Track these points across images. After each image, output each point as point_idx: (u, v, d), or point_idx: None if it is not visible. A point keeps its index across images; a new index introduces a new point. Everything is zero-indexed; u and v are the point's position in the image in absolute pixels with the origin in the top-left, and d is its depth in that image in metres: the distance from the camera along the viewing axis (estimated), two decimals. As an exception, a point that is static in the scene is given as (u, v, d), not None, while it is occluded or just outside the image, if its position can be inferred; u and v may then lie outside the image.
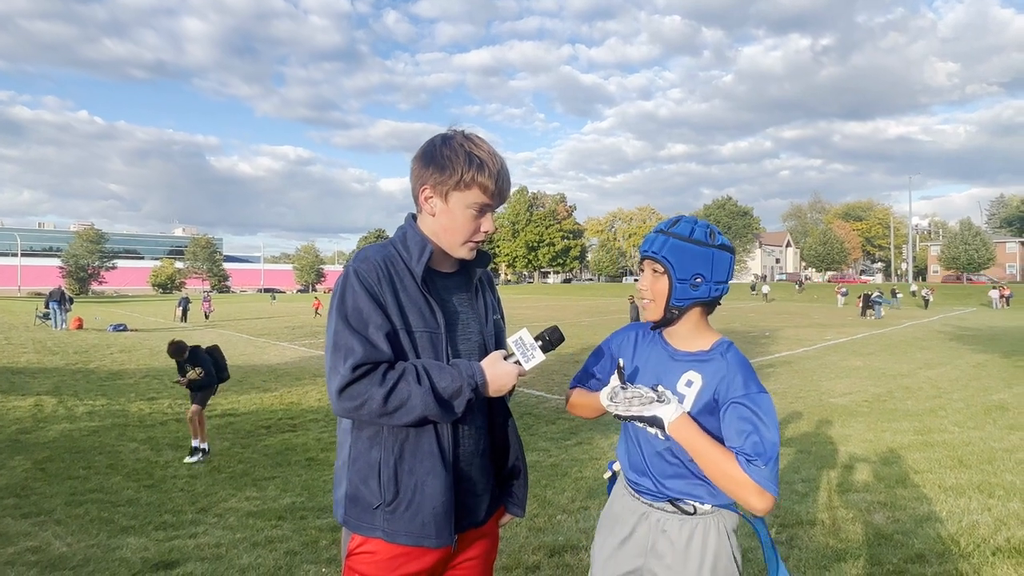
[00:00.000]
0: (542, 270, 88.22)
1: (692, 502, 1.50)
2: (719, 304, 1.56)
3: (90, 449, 6.24)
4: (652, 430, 1.48)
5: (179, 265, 79.65)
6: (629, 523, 1.57)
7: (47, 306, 21.86)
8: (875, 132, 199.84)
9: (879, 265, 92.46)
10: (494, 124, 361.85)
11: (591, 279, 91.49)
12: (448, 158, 1.40)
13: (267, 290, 70.80)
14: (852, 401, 8.22)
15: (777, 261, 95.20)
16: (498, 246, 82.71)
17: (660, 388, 1.44)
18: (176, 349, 6.23)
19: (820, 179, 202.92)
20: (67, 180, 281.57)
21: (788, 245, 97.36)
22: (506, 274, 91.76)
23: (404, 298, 1.40)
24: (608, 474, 1.66)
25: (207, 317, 27.05)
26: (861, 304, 27.11)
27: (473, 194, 1.41)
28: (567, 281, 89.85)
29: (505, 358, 1.42)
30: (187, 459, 5.90)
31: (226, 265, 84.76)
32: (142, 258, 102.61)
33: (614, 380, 1.46)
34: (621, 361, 1.51)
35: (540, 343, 1.43)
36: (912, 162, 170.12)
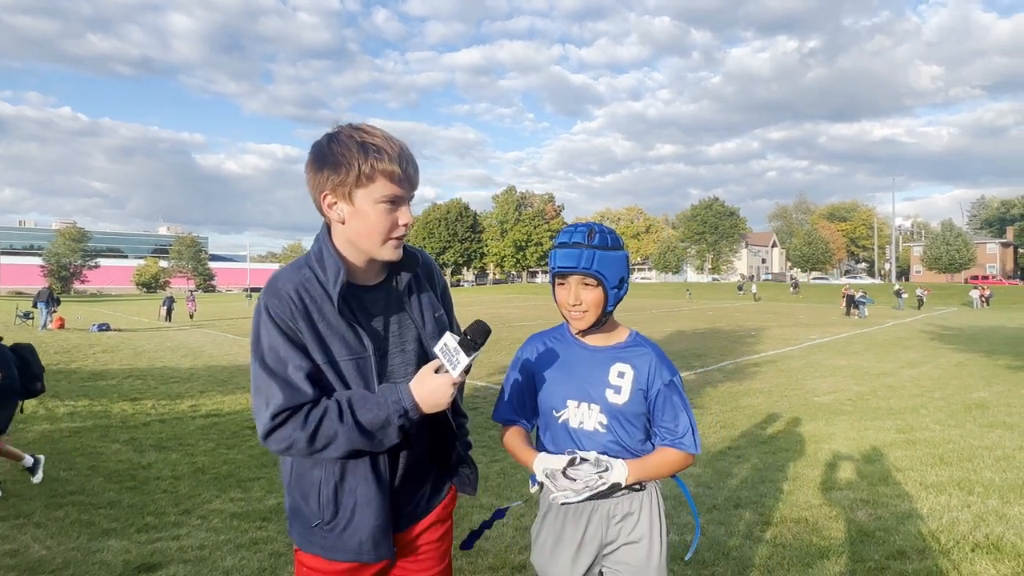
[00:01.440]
0: (530, 270, 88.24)
1: None
2: None
3: (71, 450, 6.13)
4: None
5: (163, 264, 78.81)
6: (579, 526, 1.61)
7: (35, 306, 21.50)
8: (860, 134, 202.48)
9: (863, 265, 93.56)
10: (483, 123, 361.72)
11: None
12: (340, 154, 1.27)
13: (251, 289, 70.20)
14: (836, 400, 8.30)
15: (763, 261, 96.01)
16: (486, 245, 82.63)
17: (597, 458, 1.50)
18: None
19: (806, 180, 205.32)
20: (49, 177, 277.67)
21: (774, 245, 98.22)
22: (494, 273, 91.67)
23: (323, 328, 1.30)
24: (535, 488, 1.66)
25: (192, 317, 26.78)
26: (845, 304, 27.42)
27: (379, 186, 1.28)
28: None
29: (437, 370, 1.31)
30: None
31: (211, 264, 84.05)
32: (126, 257, 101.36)
33: (557, 460, 1.49)
34: (573, 454, 1.56)
35: (463, 345, 1.29)
36: (896, 164, 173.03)
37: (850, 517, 3.95)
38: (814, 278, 76.78)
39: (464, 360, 1.27)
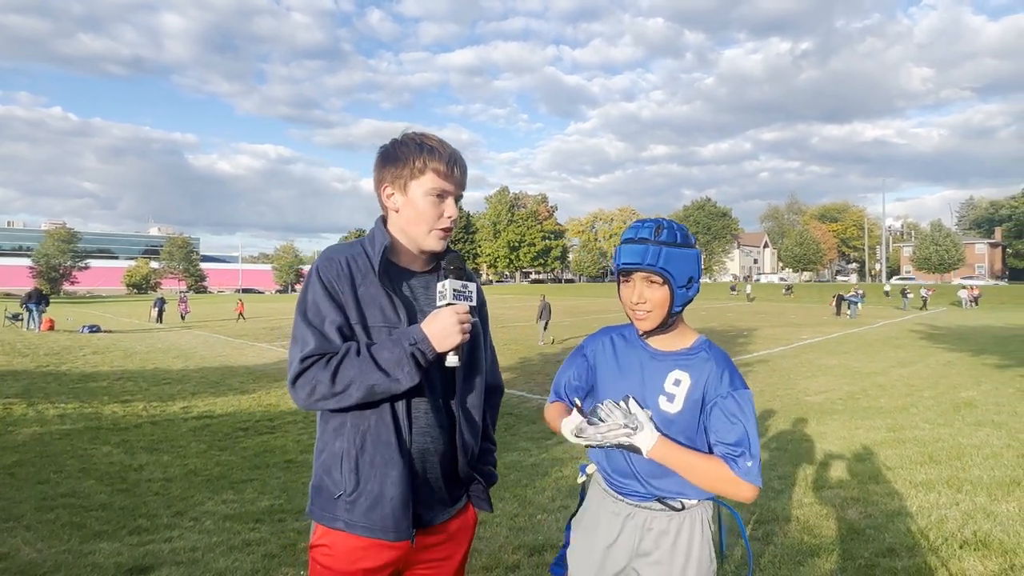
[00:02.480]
0: (523, 270, 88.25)
1: (680, 499, 1.52)
2: None
3: (61, 453, 6.09)
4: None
5: (154, 265, 78.15)
6: (614, 527, 1.56)
7: (24, 307, 21.27)
8: (852, 135, 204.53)
9: (853, 266, 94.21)
10: (477, 124, 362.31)
11: (572, 279, 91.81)
12: (401, 151, 1.47)
13: (243, 291, 69.93)
14: (827, 399, 8.37)
15: (755, 262, 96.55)
16: (479, 246, 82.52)
17: (631, 408, 1.44)
18: None
19: (798, 181, 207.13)
20: (39, 177, 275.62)
21: (766, 246, 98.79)
22: (487, 274, 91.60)
23: (363, 293, 1.44)
24: (582, 478, 1.65)
25: (183, 318, 26.61)
26: (835, 304, 27.59)
27: (429, 179, 1.45)
28: (555, 281, 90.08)
29: None
30: None
31: (203, 265, 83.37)
32: (116, 258, 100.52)
33: (575, 416, 1.47)
34: (578, 402, 1.56)
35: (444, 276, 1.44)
36: (887, 165, 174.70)
37: (841, 515, 3.99)
38: (805, 279, 77.24)
39: (447, 286, 1.40)
